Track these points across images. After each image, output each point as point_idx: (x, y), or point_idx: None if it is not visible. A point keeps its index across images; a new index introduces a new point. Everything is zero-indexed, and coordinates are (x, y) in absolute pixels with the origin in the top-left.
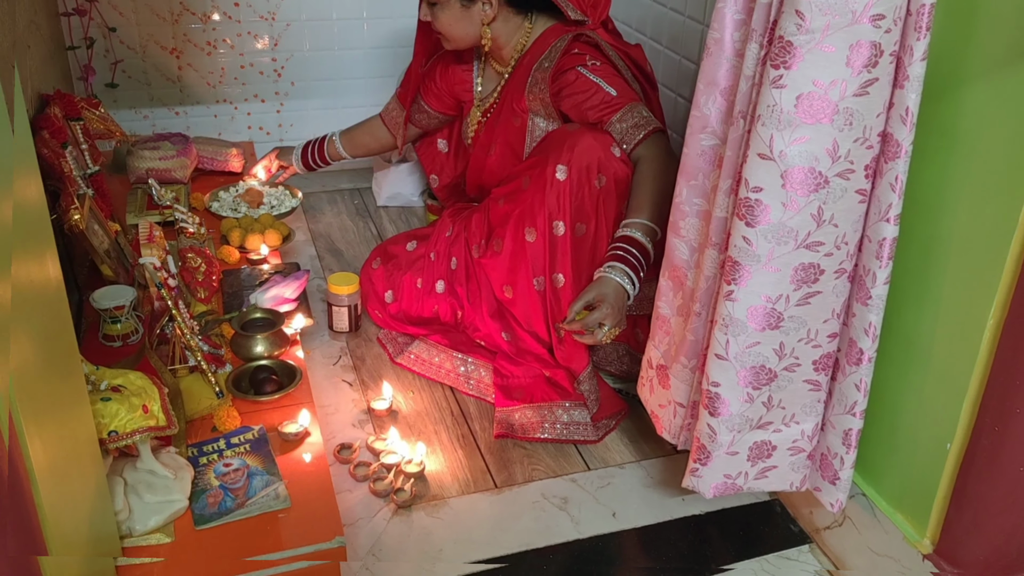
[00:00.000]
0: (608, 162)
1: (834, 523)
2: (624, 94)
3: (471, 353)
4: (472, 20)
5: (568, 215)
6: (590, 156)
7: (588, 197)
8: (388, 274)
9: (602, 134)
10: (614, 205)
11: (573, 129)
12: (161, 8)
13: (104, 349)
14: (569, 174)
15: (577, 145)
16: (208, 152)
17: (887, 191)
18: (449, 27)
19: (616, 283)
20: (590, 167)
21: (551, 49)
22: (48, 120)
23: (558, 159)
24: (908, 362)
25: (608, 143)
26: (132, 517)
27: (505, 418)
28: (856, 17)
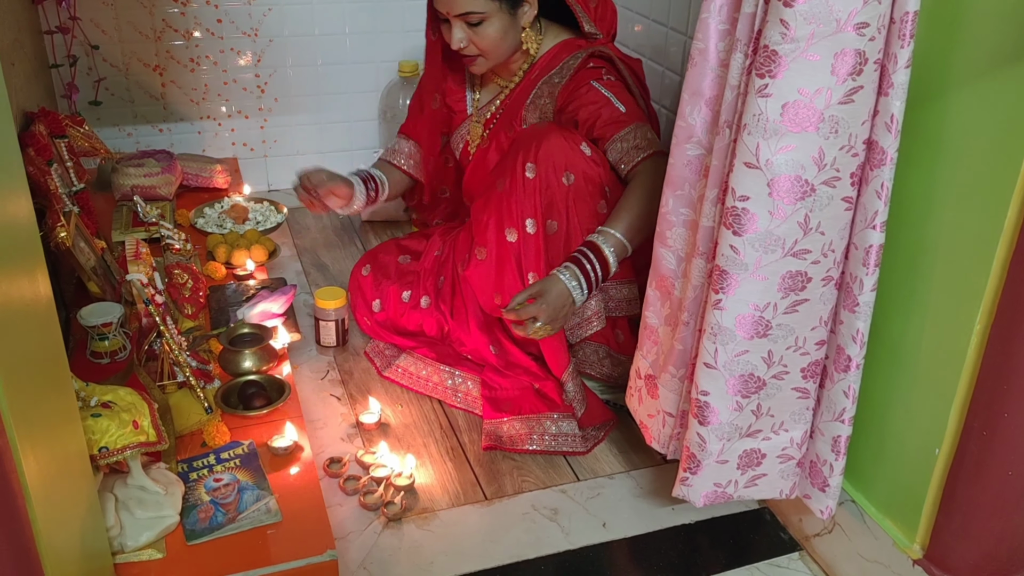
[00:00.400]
0: (576, 159)
1: (824, 530)
2: (632, 113)
3: (458, 366)
4: (516, 27)
5: (539, 213)
6: (557, 154)
7: (557, 194)
8: (377, 283)
9: (570, 132)
10: (586, 203)
11: (541, 127)
12: (143, 26)
13: (92, 366)
14: (537, 172)
15: (544, 142)
16: (193, 169)
17: (873, 198)
18: (497, 43)
19: (563, 285)
20: (557, 165)
21: (563, 65)
22: (33, 137)
23: (526, 158)
24: (896, 368)
25: (577, 140)
26: (123, 533)
27: (494, 430)
28: (840, 26)
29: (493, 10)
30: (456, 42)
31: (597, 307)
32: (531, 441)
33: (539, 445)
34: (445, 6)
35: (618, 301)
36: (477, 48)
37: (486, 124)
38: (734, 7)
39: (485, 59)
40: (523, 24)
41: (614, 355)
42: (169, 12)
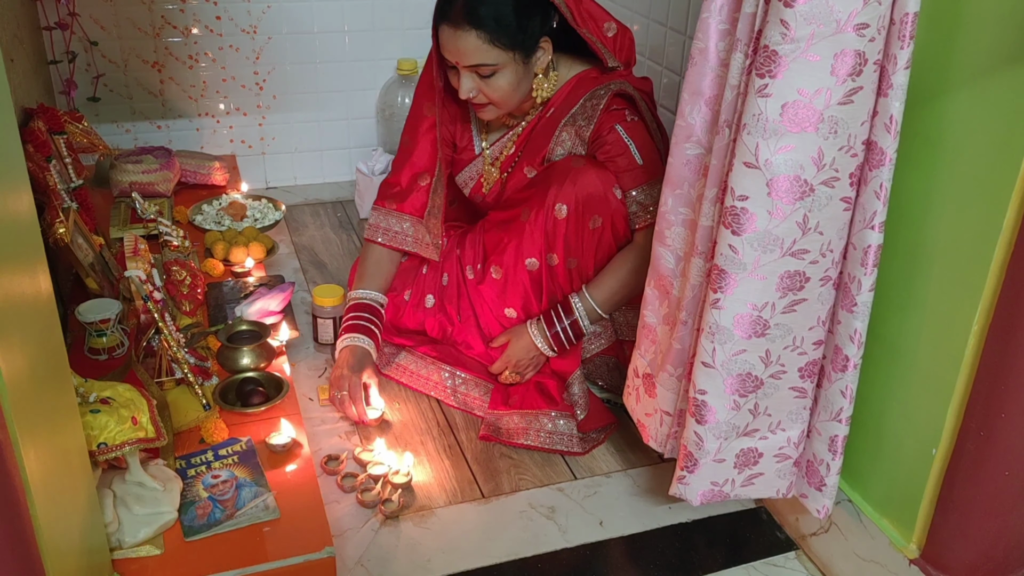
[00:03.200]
0: (607, 204)
1: (820, 529)
2: (649, 166)
3: (459, 367)
4: (530, 75)
5: (560, 250)
6: (590, 196)
7: (583, 236)
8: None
9: (605, 172)
10: (606, 247)
11: (578, 165)
12: (143, 22)
13: (90, 363)
14: (568, 213)
15: (578, 182)
16: (191, 165)
17: (872, 199)
18: (509, 93)
19: (528, 339)
20: (588, 207)
21: (584, 104)
22: (32, 134)
23: (558, 196)
24: (893, 368)
25: (611, 183)
26: (122, 529)
27: (494, 421)
28: (840, 26)
29: (506, 60)
30: (465, 92)
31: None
32: (527, 436)
33: (534, 441)
34: (454, 56)
35: (619, 325)
36: (487, 98)
37: (502, 167)
38: (734, 7)
39: (496, 108)
40: (537, 70)
41: (622, 367)
42: (168, 9)
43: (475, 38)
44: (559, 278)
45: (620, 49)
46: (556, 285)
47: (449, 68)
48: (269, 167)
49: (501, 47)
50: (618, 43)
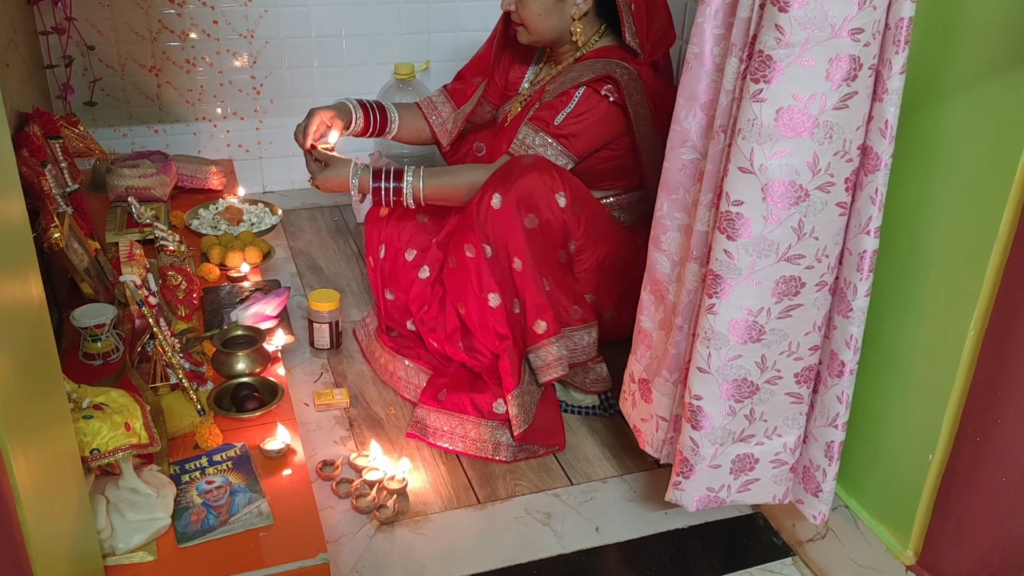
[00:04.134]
0: (545, 205)
1: (817, 535)
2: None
3: (411, 358)
4: (563, 14)
5: (494, 242)
6: (527, 194)
7: (516, 232)
8: (391, 225)
9: (552, 176)
10: (544, 249)
11: (528, 163)
12: (140, 26)
13: (84, 367)
14: (502, 204)
15: (520, 180)
16: (187, 170)
17: (867, 204)
18: (536, 18)
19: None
20: (522, 205)
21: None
22: (27, 138)
23: (498, 188)
24: (889, 374)
25: (555, 188)
26: (115, 535)
27: (423, 418)
28: (835, 31)
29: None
30: (505, 4)
31: (558, 353)
32: (452, 440)
33: (460, 446)
34: None
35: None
36: (519, 17)
37: (525, 104)
38: (729, 12)
39: (526, 31)
40: (572, 14)
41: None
42: (165, 13)
43: None
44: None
45: (658, 42)
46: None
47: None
48: (266, 171)
49: None
50: (652, 36)
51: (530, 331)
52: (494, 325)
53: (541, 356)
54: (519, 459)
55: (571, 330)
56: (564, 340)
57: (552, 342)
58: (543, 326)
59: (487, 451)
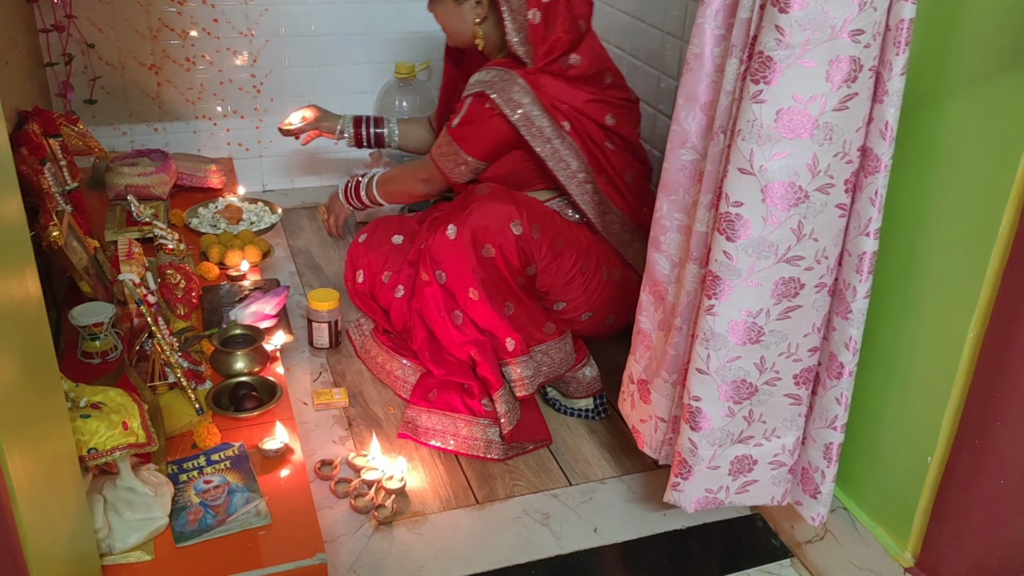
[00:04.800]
0: (501, 237)
1: (815, 537)
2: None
3: (407, 356)
4: (463, 18)
5: (453, 273)
6: (481, 227)
7: (473, 266)
8: (365, 253)
9: (506, 207)
10: (502, 277)
11: (482, 193)
12: (140, 24)
13: (83, 366)
14: (458, 236)
15: (475, 212)
16: (187, 168)
17: (867, 205)
18: (444, 20)
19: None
20: (477, 237)
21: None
22: (26, 136)
23: (452, 219)
24: (889, 376)
25: (510, 216)
26: (112, 535)
27: (414, 418)
28: (835, 32)
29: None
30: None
31: (523, 373)
32: (443, 439)
33: (451, 445)
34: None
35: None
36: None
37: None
38: (730, 13)
39: (446, 33)
40: (471, 20)
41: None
42: (165, 11)
43: None
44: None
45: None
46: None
47: None
48: (266, 170)
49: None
50: (542, 34)
51: (502, 347)
52: (459, 339)
53: (514, 371)
54: (510, 456)
55: (546, 346)
56: (534, 359)
57: (520, 361)
58: (512, 343)
59: (479, 449)
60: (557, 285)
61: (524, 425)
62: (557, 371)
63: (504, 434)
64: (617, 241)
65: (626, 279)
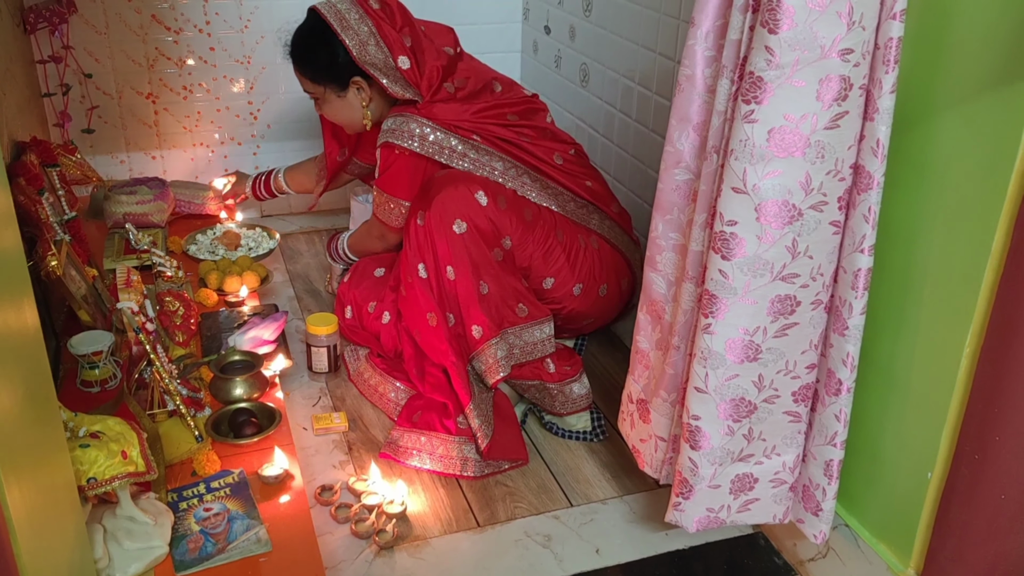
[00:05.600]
0: (469, 209)
1: (818, 555)
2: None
3: (401, 379)
4: (352, 106)
5: (428, 258)
6: (449, 203)
7: (448, 242)
8: (350, 289)
9: (467, 182)
10: (479, 249)
11: (441, 176)
12: (137, 54)
13: (82, 395)
14: (426, 219)
15: (439, 193)
16: (185, 196)
17: (861, 222)
18: (337, 116)
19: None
20: (447, 214)
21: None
22: (24, 167)
23: (420, 205)
24: (887, 392)
25: (473, 190)
26: (112, 564)
27: (397, 438)
28: (825, 52)
29: (321, 92)
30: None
31: (498, 355)
32: (420, 458)
33: (427, 464)
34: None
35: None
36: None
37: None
38: (720, 34)
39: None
40: (359, 105)
41: (548, 386)
42: (162, 40)
43: (297, 71)
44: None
45: (421, 77)
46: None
47: None
48: None
49: (315, 81)
50: (418, 72)
51: (469, 338)
52: (436, 343)
53: (482, 360)
54: (487, 475)
55: (518, 328)
56: (505, 341)
57: (491, 344)
58: (479, 331)
59: (455, 467)
60: (537, 257)
61: (501, 441)
62: (531, 355)
63: (481, 449)
64: (577, 217)
65: (604, 247)
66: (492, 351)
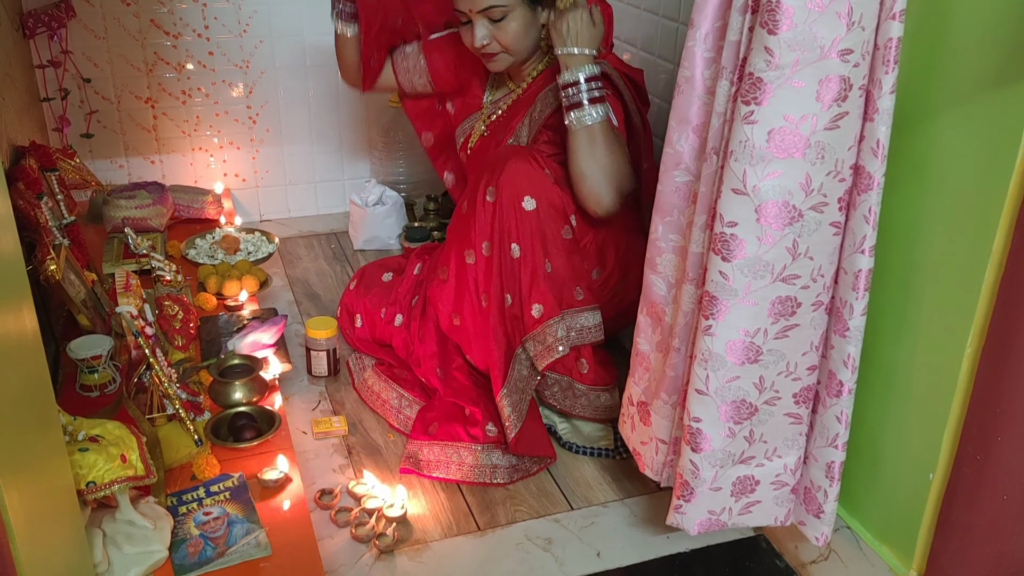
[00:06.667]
0: (539, 184)
1: (820, 557)
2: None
3: (406, 387)
4: (536, 25)
5: (495, 235)
6: (519, 178)
7: (517, 219)
8: (359, 298)
9: (535, 156)
10: (549, 228)
11: (508, 151)
12: (135, 59)
13: (81, 399)
14: (497, 196)
15: (507, 167)
16: (184, 200)
17: (861, 223)
18: (519, 37)
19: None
20: (517, 189)
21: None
22: (23, 171)
23: (488, 182)
24: (888, 393)
25: (541, 165)
26: (111, 569)
27: (415, 452)
28: (824, 52)
29: (515, 3)
30: (480, 39)
31: (559, 334)
32: (448, 469)
33: (455, 474)
34: (467, 4)
35: (579, 330)
36: (500, 44)
37: (489, 126)
38: (719, 35)
39: (507, 55)
40: (543, 22)
41: (576, 386)
42: (161, 45)
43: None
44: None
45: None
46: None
47: (463, 25)
48: (263, 200)
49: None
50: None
51: (527, 318)
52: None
53: (540, 339)
54: (515, 480)
55: (575, 311)
56: (566, 321)
57: (553, 323)
58: (539, 310)
59: (485, 475)
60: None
61: (527, 435)
62: (583, 339)
63: (509, 441)
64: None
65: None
66: (552, 330)
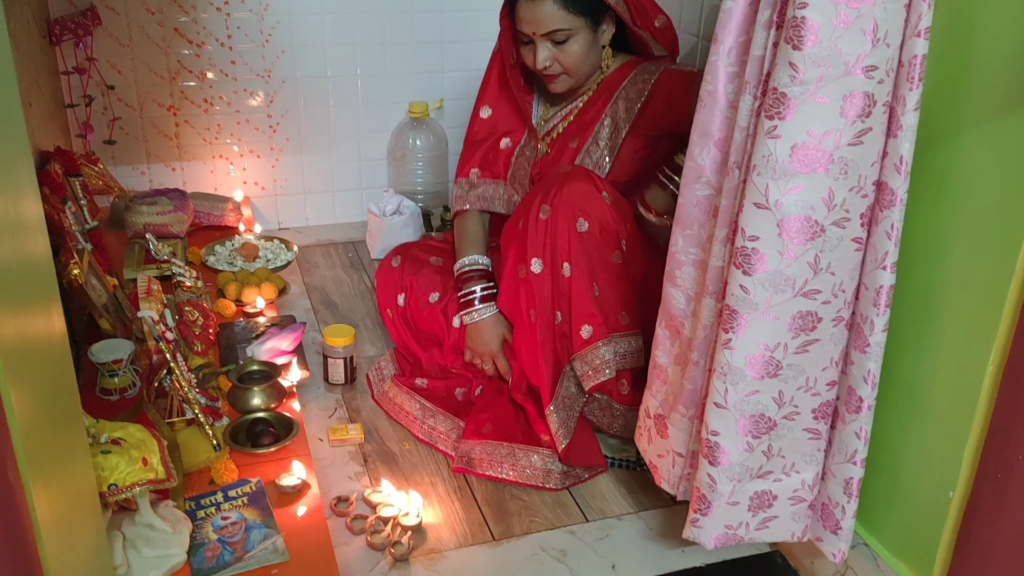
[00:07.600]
0: (594, 207)
1: (836, 574)
2: None
3: (431, 399)
4: (598, 45)
5: (547, 253)
6: (575, 198)
7: (568, 239)
8: (404, 275)
9: (594, 178)
10: (600, 252)
11: (566, 171)
12: (159, 67)
13: (101, 403)
14: (551, 214)
15: (564, 187)
16: (204, 207)
17: (883, 239)
18: (582, 59)
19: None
20: (572, 209)
21: (633, 77)
22: (48, 176)
23: (544, 199)
24: (908, 410)
25: (599, 188)
26: (131, 572)
27: (467, 452)
28: (849, 68)
29: (579, 26)
30: (542, 61)
31: (607, 357)
32: (501, 468)
33: (508, 474)
34: (532, 27)
35: (621, 355)
36: (561, 66)
37: (551, 144)
38: (743, 50)
39: (568, 76)
40: (603, 43)
41: (615, 406)
42: (184, 54)
43: (552, 4)
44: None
45: (665, 39)
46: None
47: (523, 44)
48: (282, 208)
49: (575, 12)
50: (666, 34)
51: (576, 337)
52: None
53: (587, 360)
54: (567, 486)
55: (620, 335)
56: (613, 344)
57: (600, 346)
58: (589, 330)
59: (538, 479)
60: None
61: (578, 447)
62: (628, 364)
63: (560, 451)
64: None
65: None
66: (600, 352)
